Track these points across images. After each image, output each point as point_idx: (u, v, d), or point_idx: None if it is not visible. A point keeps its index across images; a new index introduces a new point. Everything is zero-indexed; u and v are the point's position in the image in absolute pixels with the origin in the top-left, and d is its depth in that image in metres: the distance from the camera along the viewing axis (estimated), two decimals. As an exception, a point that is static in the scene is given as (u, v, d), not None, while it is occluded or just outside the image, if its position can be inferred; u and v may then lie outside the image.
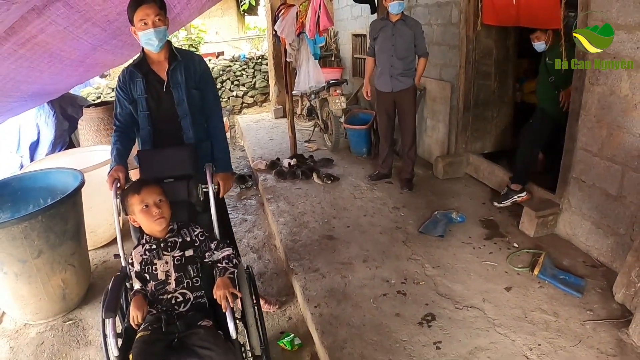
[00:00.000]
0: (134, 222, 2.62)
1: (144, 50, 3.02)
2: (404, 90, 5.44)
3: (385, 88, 5.53)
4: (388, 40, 5.33)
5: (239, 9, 19.21)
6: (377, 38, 5.45)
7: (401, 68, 5.35)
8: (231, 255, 2.59)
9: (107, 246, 4.83)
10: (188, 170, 2.90)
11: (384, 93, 5.58)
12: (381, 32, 5.38)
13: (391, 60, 5.36)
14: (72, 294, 3.82)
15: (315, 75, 6.48)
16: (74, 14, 3.22)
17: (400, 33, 5.25)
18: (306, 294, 3.62)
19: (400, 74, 5.37)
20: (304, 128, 8.80)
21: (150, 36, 2.84)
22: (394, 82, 5.42)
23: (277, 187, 5.94)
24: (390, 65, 5.39)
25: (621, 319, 3.13)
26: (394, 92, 5.47)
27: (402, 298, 3.51)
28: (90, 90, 10.33)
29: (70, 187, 3.83)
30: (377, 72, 5.61)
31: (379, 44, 5.45)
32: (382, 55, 5.44)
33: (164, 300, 2.45)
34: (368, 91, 5.85)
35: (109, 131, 5.79)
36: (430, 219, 4.73)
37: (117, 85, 3.09)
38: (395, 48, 5.31)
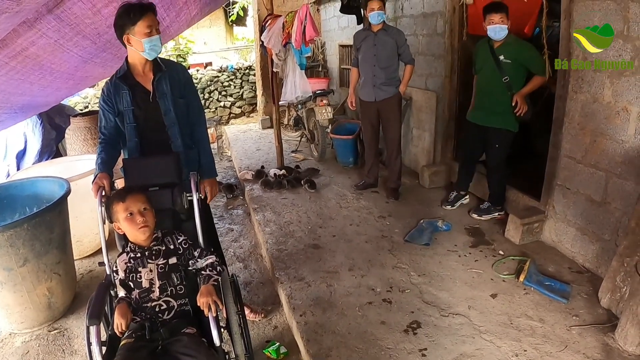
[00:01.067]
0: (118, 229, 2.61)
1: (127, 62, 3.01)
2: (387, 99, 5.46)
3: (368, 98, 5.56)
4: (370, 50, 5.38)
5: (227, 20, 19.25)
6: (360, 48, 5.49)
7: (384, 77, 5.39)
8: (215, 263, 2.58)
9: (93, 256, 4.78)
10: (173, 178, 2.89)
11: (367, 103, 5.61)
12: (364, 42, 5.43)
13: (374, 69, 5.40)
14: (58, 303, 3.78)
15: (301, 86, 6.49)
16: (65, 27, 3.22)
17: (382, 42, 5.29)
18: (292, 303, 3.60)
19: (383, 83, 5.40)
20: (291, 138, 8.81)
21: (157, 42, 2.90)
22: (377, 92, 5.46)
23: (263, 197, 5.92)
24: (373, 75, 5.42)
25: (607, 324, 3.15)
26: (377, 101, 5.49)
27: (388, 306, 3.50)
28: (77, 100, 10.27)
29: (56, 195, 3.81)
30: (360, 82, 5.65)
31: (362, 54, 5.50)
32: (365, 65, 5.48)
33: (148, 308, 2.44)
34: (353, 101, 5.88)
35: (96, 140, 5.75)
36: (416, 228, 4.73)
37: (101, 99, 3.07)
38: (377, 58, 5.34)
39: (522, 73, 4.37)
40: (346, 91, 9.61)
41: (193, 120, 3.23)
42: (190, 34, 16.44)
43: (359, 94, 5.71)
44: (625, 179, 3.45)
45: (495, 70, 4.44)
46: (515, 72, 4.35)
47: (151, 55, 2.93)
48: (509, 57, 4.35)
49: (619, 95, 3.40)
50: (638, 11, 3.15)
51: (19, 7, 2.35)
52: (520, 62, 4.30)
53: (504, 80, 4.40)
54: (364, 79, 5.55)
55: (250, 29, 16.77)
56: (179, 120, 3.09)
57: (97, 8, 3.25)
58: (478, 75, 4.79)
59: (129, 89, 2.98)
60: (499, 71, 4.41)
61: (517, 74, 4.35)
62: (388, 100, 5.46)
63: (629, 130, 3.36)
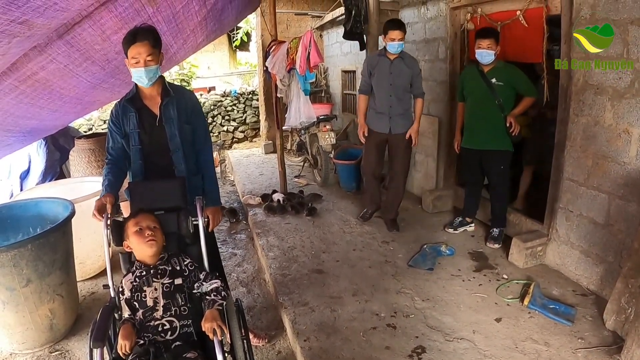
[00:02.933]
0: (127, 247, 2.66)
1: (137, 85, 3.04)
2: (403, 134, 5.12)
3: (381, 129, 5.18)
4: (385, 78, 5.01)
5: (230, 45, 19.42)
6: (374, 75, 5.09)
7: (401, 109, 5.08)
8: (220, 288, 2.58)
9: (96, 278, 4.76)
10: (178, 202, 2.92)
11: (379, 133, 5.22)
12: (377, 68, 5.04)
13: (390, 100, 5.05)
14: (60, 325, 3.76)
15: (305, 111, 6.52)
16: (75, 52, 3.28)
17: (398, 71, 4.96)
18: (296, 328, 3.58)
19: (400, 114, 5.09)
20: (294, 163, 8.83)
21: (141, 74, 2.88)
22: (393, 124, 5.11)
23: (266, 222, 5.92)
24: (389, 106, 5.07)
25: (613, 346, 3.13)
26: (392, 134, 5.16)
27: (392, 331, 3.48)
28: (81, 122, 10.35)
29: (60, 217, 3.83)
30: (372, 111, 5.23)
31: (376, 82, 5.10)
32: (381, 94, 5.10)
33: (150, 327, 2.43)
34: (365, 131, 5.30)
35: (100, 162, 5.82)
36: (419, 253, 4.73)
37: (109, 119, 3.10)
38: (394, 87, 5.00)
39: (512, 95, 4.51)
40: (349, 116, 9.71)
41: (198, 146, 3.25)
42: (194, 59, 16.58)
43: (369, 123, 5.29)
44: (628, 201, 3.46)
45: (487, 93, 4.54)
46: (506, 94, 4.48)
47: (141, 83, 2.96)
48: (501, 79, 4.47)
49: (620, 117, 3.43)
50: (637, 34, 3.20)
51: (30, 32, 2.40)
52: (511, 85, 4.45)
53: (497, 102, 4.50)
54: (378, 108, 5.16)
55: (254, 54, 16.90)
56: (184, 145, 3.10)
57: (107, 35, 3.30)
58: (468, 100, 4.88)
59: (136, 112, 3.01)
60: (492, 94, 4.51)
61: (509, 96, 4.48)
62: (404, 134, 5.13)
63: (630, 152, 3.39)
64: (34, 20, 2.33)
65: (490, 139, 4.65)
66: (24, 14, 2.21)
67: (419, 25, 6.28)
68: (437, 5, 5.80)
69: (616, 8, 3.33)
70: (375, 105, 5.19)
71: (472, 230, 5.27)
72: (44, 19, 2.41)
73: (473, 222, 5.33)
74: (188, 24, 4.21)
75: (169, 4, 3.57)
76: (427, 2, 6.02)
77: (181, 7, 3.78)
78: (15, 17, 2.18)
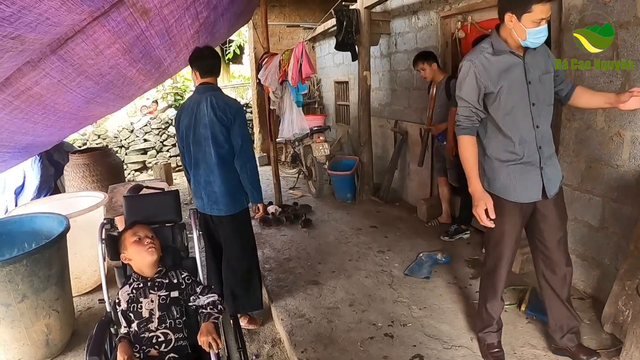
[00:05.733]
0: (125, 259, 2.67)
1: None
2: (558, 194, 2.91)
3: (529, 194, 2.82)
4: (522, 94, 2.71)
5: (223, 58, 19.40)
6: (493, 95, 2.70)
7: (550, 146, 2.87)
8: (216, 302, 2.59)
9: (92, 293, 4.74)
10: (172, 216, 2.93)
11: (523, 206, 2.86)
12: (505, 78, 2.68)
13: (536, 133, 2.76)
14: (56, 340, 3.73)
15: (298, 122, 6.54)
16: (68, 67, 3.29)
17: (538, 75, 2.73)
18: (293, 340, 3.56)
19: (550, 157, 2.85)
20: (289, 175, 8.84)
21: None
22: (547, 179, 2.80)
23: (262, 234, 5.91)
24: (537, 146, 2.77)
25: (611, 349, 3.13)
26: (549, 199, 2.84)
27: (390, 340, 3.47)
28: (76, 137, 10.35)
29: (55, 232, 3.83)
30: (503, 165, 2.81)
31: (505, 105, 2.71)
32: (519, 125, 2.74)
33: (145, 339, 2.43)
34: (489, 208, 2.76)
35: (95, 177, 5.85)
36: (415, 261, 4.73)
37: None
38: (538, 107, 2.74)
39: None
40: (342, 127, 9.73)
41: None
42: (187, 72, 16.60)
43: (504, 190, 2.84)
44: (622, 203, 3.47)
45: None
46: None
47: None
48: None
49: (612, 120, 3.46)
50: (625, 37, 3.23)
51: (22, 47, 2.40)
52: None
53: None
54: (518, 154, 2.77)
55: (247, 66, 16.94)
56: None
57: (100, 49, 3.31)
58: None
59: None
60: None
61: None
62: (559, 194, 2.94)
63: (623, 154, 3.41)
64: (26, 35, 2.34)
65: None
66: (17, 29, 2.21)
67: (410, 35, 6.32)
68: (428, 15, 5.84)
69: (605, 12, 3.37)
70: (507, 150, 2.80)
71: (467, 238, 5.28)
72: (36, 33, 2.41)
73: (469, 230, 5.34)
74: (181, 38, 4.23)
75: (161, 18, 3.58)
76: (418, 12, 6.07)
77: (174, 20, 3.79)
78: (8, 33, 2.18)
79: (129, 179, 10.01)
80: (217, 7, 4.36)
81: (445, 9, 5.45)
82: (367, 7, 6.26)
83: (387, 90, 7.44)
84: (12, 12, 2.05)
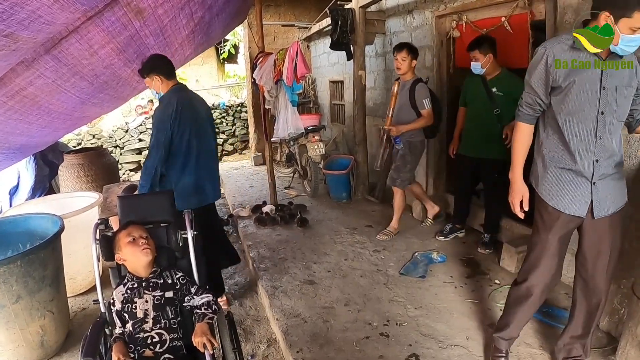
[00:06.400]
0: (119, 260, 2.65)
1: None
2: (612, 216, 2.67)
3: (575, 208, 2.64)
4: (592, 97, 2.49)
5: (218, 58, 19.43)
6: (570, 86, 2.51)
7: (612, 163, 2.61)
8: (211, 302, 2.58)
9: (87, 293, 4.72)
10: (167, 216, 2.92)
11: (568, 218, 2.69)
12: (575, 75, 2.49)
13: (596, 145, 2.54)
14: (51, 341, 3.72)
15: (293, 122, 6.53)
16: (62, 67, 3.28)
17: (619, 84, 2.49)
18: (288, 340, 3.56)
19: (611, 176, 2.63)
20: (284, 175, 8.83)
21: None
22: (598, 197, 2.60)
23: (257, 234, 5.90)
24: (594, 159, 2.56)
25: (607, 347, 3.16)
26: (595, 219, 2.64)
27: (385, 340, 3.47)
28: (70, 137, 10.36)
29: (49, 232, 3.82)
30: (552, 169, 2.69)
31: (570, 103, 2.53)
32: (579, 130, 2.55)
33: (139, 340, 2.42)
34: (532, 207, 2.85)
35: (89, 177, 5.86)
36: (410, 261, 4.73)
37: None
38: (606, 118, 2.50)
39: (512, 106, 4.42)
40: (337, 127, 9.71)
41: None
42: (182, 72, 16.62)
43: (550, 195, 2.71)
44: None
45: (487, 102, 4.55)
46: (506, 105, 4.42)
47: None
48: (502, 90, 4.46)
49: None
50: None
51: (15, 45, 2.39)
52: (512, 95, 4.36)
53: (495, 112, 4.50)
54: (567, 162, 2.62)
55: (242, 66, 16.95)
56: None
57: (94, 49, 3.31)
58: (469, 107, 4.88)
59: None
60: (491, 103, 4.51)
61: (508, 106, 4.41)
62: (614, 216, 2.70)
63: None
64: (19, 33, 2.32)
65: (485, 147, 4.66)
66: (9, 27, 2.20)
67: (405, 34, 6.32)
68: (423, 14, 5.84)
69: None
70: (561, 153, 2.65)
71: (462, 237, 5.28)
72: (29, 32, 2.40)
73: (464, 229, 5.34)
74: (176, 38, 4.22)
75: (156, 17, 3.58)
76: (413, 11, 6.07)
77: (168, 20, 3.79)
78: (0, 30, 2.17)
79: (124, 179, 10.00)
80: (212, 7, 4.36)
81: (440, 8, 5.45)
82: (362, 6, 6.26)
83: (382, 90, 7.43)
84: (3, 9, 2.04)
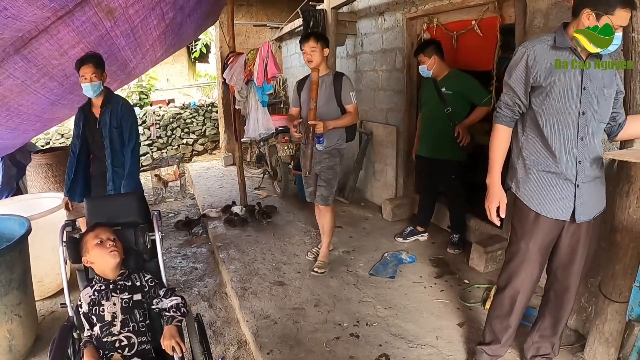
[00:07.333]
0: (86, 262, 2.63)
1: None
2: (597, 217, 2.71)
3: (558, 212, 2.61)
4: (572, 97, 2.47)
5: (190, 57, 19.29)
6: (551, 86, 2.49)
7: (595, 167, 2.59)
8: (180, 305, 2.56)
9: (55, 296, 4.63)
10: (135, 217, 2.90)
11: (552, 223, 2.66)
12: (556, 75, 2.47)
13: (578, 146, 2.51)
14: (19, 346, 3.64)
15: (264, 122, 6.49)
16: (32, 67, 3.24)
17: (599, 84, 2.48)
18: (258, 341, 3.55)
19: (593, 180, 2.60)
20: (254, 175, 8.81)
21: (87, 88, 3.86)
22: (580, 201, 2.58)
23: (227, 235, 5.88)
24: (576, 160, 2.53)
25: (576, 344, 3.24)
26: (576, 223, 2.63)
27: (355, 340, 3.49)
28: (39, 136, 10.14)
29: (16, 234, 3.73)
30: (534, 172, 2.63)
31: (552, 104, 2.51)
32: (560, 131, 2.52)
33: (107, 343, 2.39)
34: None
35: (57, 177, 5.76)
36: (380, 261, 4.76)
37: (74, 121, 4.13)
38: (587, 119, 2.48)
39: (464, 105, 4.54)
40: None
41: (126, 143, 4.16)
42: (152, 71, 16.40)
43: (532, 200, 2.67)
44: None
45: (438, 102, 4.62)
46: (457, 104, 4.52)
47: (89, 95, 3.93)
48: (450, 88, 4.54)
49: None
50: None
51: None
52: (462, 93, 4.47)
53: (447, 111, 4.57)
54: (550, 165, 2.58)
55: (213, 65, 16.85)
56: (112, 144, 4.09)
57: (64, 49, 3.27)
58: (423, 109, 4.97)
59: (85, 116, 4.11)
60: (442, 103, 4.58)
61: (460, 105, 4.51)
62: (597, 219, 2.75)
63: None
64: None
65: (440, 148, 4.72)
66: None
67: (377, 36, 6.36)
68: (394, 16, 5.88)
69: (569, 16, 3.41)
70: (543, 155, 2.60)
71: (424, 240, 5.30)
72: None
73: (426, 232, 5.34)
74: (147, 38, 4.19)
75: (126, 18, 3.55)
76: (384, 13, 6.10)
77: (139, 21, 3.76)
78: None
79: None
80: (183, 7, 4.33)
81: (412, 11, 5.49)
82: (334, 7, 6.27)
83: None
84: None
